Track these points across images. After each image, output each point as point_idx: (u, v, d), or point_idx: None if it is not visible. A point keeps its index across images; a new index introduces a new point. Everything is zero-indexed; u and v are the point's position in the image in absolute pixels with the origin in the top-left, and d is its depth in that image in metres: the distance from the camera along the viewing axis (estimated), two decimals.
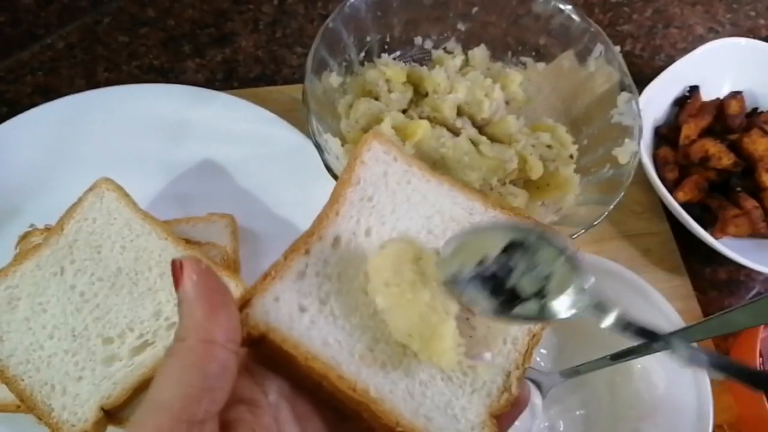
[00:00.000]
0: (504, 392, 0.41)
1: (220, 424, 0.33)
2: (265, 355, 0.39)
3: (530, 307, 0.37)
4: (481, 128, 0.83)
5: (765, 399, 0.71)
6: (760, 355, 0.75)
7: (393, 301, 0.38)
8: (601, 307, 0.37)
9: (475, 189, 0.47)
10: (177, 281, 0.34)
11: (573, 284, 0.37)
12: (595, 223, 0.72)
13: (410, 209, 0.46)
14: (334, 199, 0.44)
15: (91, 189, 0.74)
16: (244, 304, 0.38)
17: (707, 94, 0.99)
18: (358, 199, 0.45)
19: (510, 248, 0.38)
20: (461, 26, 0.89)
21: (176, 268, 0.34)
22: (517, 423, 0.70)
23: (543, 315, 0.37)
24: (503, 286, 0.37)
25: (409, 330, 0.38)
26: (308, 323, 0.39)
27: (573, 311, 0.37)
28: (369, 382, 0.38)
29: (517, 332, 0.43)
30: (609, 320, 0.37)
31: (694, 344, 0.37)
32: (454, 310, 0.38)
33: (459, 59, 0.88)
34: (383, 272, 0.39)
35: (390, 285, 0.38)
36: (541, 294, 0.37)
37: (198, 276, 0.34)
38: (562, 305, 0.37)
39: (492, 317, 0.39)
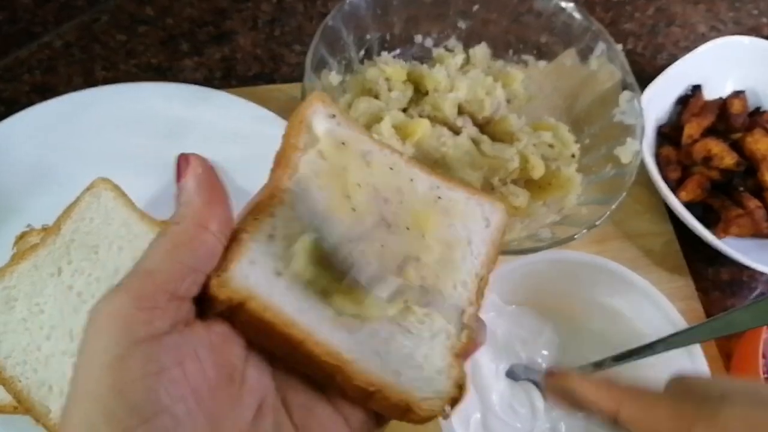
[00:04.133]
0: (463, 329, 0.41)
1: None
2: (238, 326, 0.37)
3: None
4: (482, 127, 0.82)
5: None
6: (764, 356, 0.75)
7: None
8: None
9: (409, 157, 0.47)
10: (181, 174, 0.37)
11: None
12: (597, 223, 0.72)
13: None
14: (285, 163, 0.41)
15: (88, 189, 0.74)
16: (218, 267, 0.35)
17: (710, 93, 0.98)
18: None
19: None
20: (462, 24, 0.89)
21: (182, 161, 0.37)
22: (518, 425, 0.71)
23: None
24: None
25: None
26: (284, 289, 0.37)
27: None
28: (341, 347, 0.37)
29: (465, 277, 0.43)
30: None
31: None
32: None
33: (460, 57, 0.87)
34: None
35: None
36: None
37: (203, 171, 0.37)
38: None
39: None
